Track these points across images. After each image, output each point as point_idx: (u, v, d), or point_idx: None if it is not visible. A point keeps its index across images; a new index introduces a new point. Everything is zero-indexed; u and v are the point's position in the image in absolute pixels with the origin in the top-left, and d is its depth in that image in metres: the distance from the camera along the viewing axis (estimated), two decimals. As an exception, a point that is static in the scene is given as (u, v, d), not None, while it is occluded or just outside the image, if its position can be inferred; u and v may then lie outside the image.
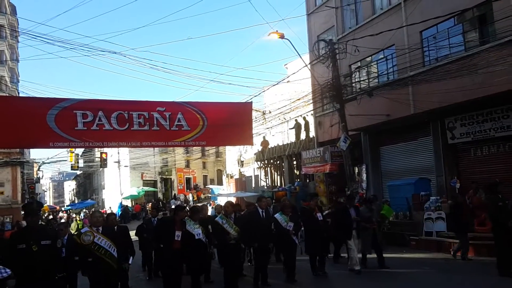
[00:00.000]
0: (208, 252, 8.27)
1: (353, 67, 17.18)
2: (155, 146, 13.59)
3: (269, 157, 27.39)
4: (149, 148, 32.39)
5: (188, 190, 46.19)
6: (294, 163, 25.18)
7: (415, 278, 8.78)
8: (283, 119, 25.09)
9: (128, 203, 40.63)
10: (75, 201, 62.40)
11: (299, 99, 20.41)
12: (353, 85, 16.54)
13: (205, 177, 52.01)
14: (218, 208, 12.26)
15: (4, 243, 6.66)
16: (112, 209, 36.85)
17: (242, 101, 14.34)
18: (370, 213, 9.96)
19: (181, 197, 40.88)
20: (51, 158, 36.31)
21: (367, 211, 9.96)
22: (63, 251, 6.96)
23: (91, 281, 6.21)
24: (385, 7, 15.83)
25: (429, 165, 14.88)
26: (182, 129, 11.35)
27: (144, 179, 45.16)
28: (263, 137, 28.39)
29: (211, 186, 43.53)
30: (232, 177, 35.09)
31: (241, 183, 32.13)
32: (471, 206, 12.31)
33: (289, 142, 25.16)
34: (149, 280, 9.97)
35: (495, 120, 12.46)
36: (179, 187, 47.05)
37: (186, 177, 48.65)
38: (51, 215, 35.83)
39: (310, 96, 19.06)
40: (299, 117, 23.87)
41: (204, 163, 51.62)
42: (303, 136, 23.79)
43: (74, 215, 36.55)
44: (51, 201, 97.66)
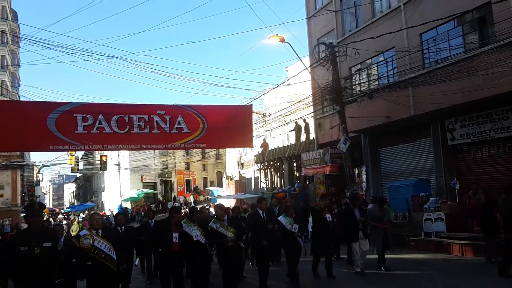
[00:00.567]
0: (208, 253, 8.09)
1: (353, 69, 17.20)
2: (155, 148, 13.58)
3: (269, 159, 27.40)
4: (149, 150, 32.39)
5: (188, 192, 46.18)
6: (294, 165, 25.19)
7: (417, 279, 8.69)
8: (283, 121, 25.12)
9: (128, 205, 40.63)
10: (75, 204, 62.34)
11: (299, 102, 20.45)
12: (353, 87, 16.57)
13: (205, 179, 52.00)
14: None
15: (5, 245, 6.64)
16: (112, 211, 36.79)
17: (242, 104, 14.35)
18: (381, 213, 9.70)
19: (181, 199, 40.88)
20: (51, 161, 36.26)
21: (377, 210, 9.71)
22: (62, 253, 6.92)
23: (90, 285, 6.04)
24: (385, 10, 15.86)
25: (429, 167, 14.89)
26: (182, 131, 11.37)
27: (144, 181, 45.17)
28: (263, 139, 28.41)
29: (211, 188, 43.54)
30: (232, 179, 35.10)
31: (241, 185, 32.15)
32: (470, 207, 12.38)
33: (289, 144, 25.18)
34: (150, 284, 9.72)
35: (495, 121, 12.47)
36: (179, 189, 47.04)
37: (186, 179, 48.65)
38: (51, 218, 35.77)
39: (310, 98, 19.09)
40: (299, 119, 23.89)
41: (204, 165, 51.63)
42: (303, 138, 23.81)
43: (73, 217, 36.51)
44: (51, 203, 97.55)
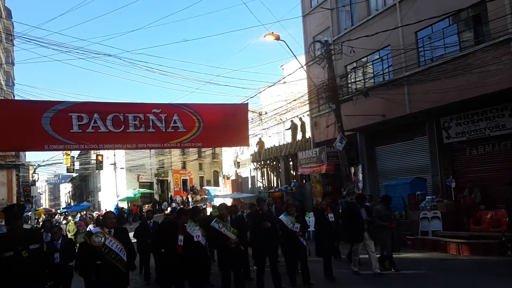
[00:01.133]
0: (208, 255, 7.94)
1: (349, 67, 17.20)
2: (151, 147, 13.55)
3: (266, 158, 27.40)
4: (145, 150, 32.29)
5: (184, 191, 46.11)
6: (290, 163, 25.20)
7: (420, 279, 8.56)
8: (279, 120, 25.12)
9: (124, 205, 40.51)
10: (71, 204, 62.14)
11: (295, 100, 20.45)
12: (349, 85, 16.57)
13: (201, 178, 51.98)
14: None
15: None
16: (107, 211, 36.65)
17: (238, 102, 14.34)
18: (388, 211, 9.45)
19: (178, 199, 40.80)
20: (47, 160, 36.02)
21: (384, 209, 9.43)
22: (56, 257, 6.80)
23: (98, 285, 5.84)
24: (380, 8, 15.86)
25: (425, 165, 14.92)
26: (178, 130, 11.34)
27: (140, 181, 45.05)
28: (259, 138, 28.40)
29: (207, 187, 43.49)
30: (228, 178, 35.07)
31: (238, 184, 32.13)
32: (465, 205, 12.43)
33: (285, 142, 25.18)
34: (147, 285, 9.61)
35: (490, 119, 12.51)
36: (176, 189, 46.98)
37: (182, 179, 48.60)
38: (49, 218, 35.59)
39: (306, 97, 19.09)
40: (295, 117, 23.89)
41: (200, 165, 51.60)
42: (299, 136, 23.81)
43: (70, 218, 36.35)
44: (47, 203, 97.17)
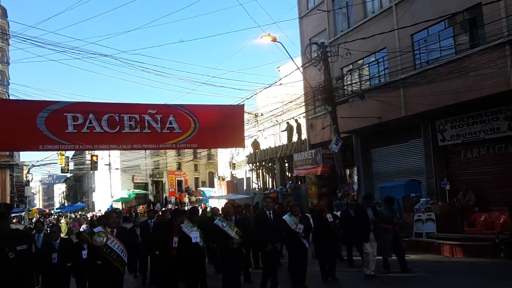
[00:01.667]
0: (205, 256, 7.77)
1: (345, 70, 17.26)
2: (147, 148, 13.47)
3: (261, 159, 27.40)
4: (140, 150, 32.25)
5: (179, 192, 45.99)
6: (286, 165, 25.22)
7: (414, 280, 8.50)
8: (275, 121, 25.12)
9: (118, 205, 40.36)
10: (65, 204, 61.82)
11: (291, 102, 20.46)
12: (345, 87, 16.62)
13: (196, 179, 51.89)
14: (215, 210, 11.99)
15: None
16: (102, 212, 36.47)
17: (234, 104, 14.32)
18: (390, 214, 9.28)
19: (172, 200, 40.70)
20: (41, 161, 35.86)
21: (387, 211, 9.26)
22: (54, 258, 6.73)
23: (97, 285, 5.76)
24: (376, 11, 15.93)
25: (420, 167, 14.98)
26: (173, 131, 11.28)
27: (135, 181, 44.94)
28: (255, 139, 28.41)
29: (202, 188, 43.40)
30: (223, 180, 35.03)
31: (233, 185, 32.11)
32: (460, 208, 12.48)
33: (281, 144, 25.20)
34: (143, 286, 9.35)
35: (485, 122, 12.58)
36: (171, 190, 46.85)
37: (177, 180, 48.48)
38: (41, 219, 35.40)
39: (302, 98, 19.12)
40: (291, 119, 23.92)
41: (195, 166, 51.54)
42: (295, 138, 23.84)
43: (62, 218, 36.17)
44: (41, 204, 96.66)
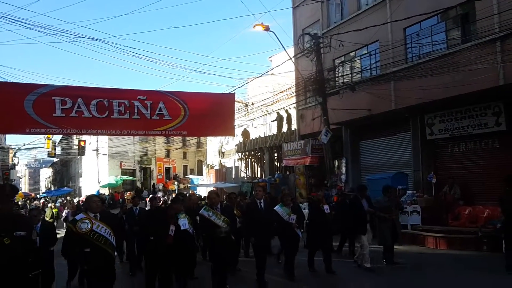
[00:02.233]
0: (195, 244, 7.61)
1: (337, 61, 17.25)
2: (136, 134, 13.38)
3: (250, 148, 27.43)
4: (128, 136, 32.01)
5: (168, 180, 45.87)
6: (275, 155, 25.28)
7: (418, 272, 8.54)
8: (265, 111, 25.11)
9: (105, 191, 40.12)
10: (51, 189, 61.25)
11: (282, 92, 20.44)
12: (336, 79, 16.63)
13: (185, 167, 51.77)
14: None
15: None
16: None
17: (225, 92, 14.25)
18: (389, 203, 9.13)
19: (160, 186, 40.60)
20: (28, 144, 35.36)
21: (386, 200, 9.14)
22: (37, 242, 6.66)
23: (89, 274, 5.64)
24: (370, 3, 15.90)
25: (408, 160, 15.14)
26: (163, 118, 11.20)
27: (122, 167, 44.66)
28: (245, 129, 28.38)
29: (191, 176, 43.36)
30: (212, 168, 35.03)
31: (221, 173, 32.15)
32: (445, 201, 12.68)
33: (270, 134, 25.23)
34: (132, 276, 9.19)
35: (473, 117, 12.72)
36: (159, 177, 46.71)
37: (166, 167, 48.34)
38: (27, 202, 35.05)
39: (293, 89, 19.11)
40: (281, 109, 23.92)
41: (184, 153, 51.38)
42: (285, 128, 23.89)
43: (49, 203, 35.85)
44: (27, 188, 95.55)
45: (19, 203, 34.89)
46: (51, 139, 28.50)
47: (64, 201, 34.94)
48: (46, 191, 60.76)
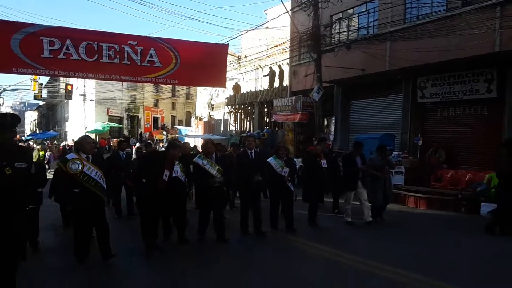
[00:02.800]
0: (186, 192, 7.52)
1: (334, 18, 16.86)
2: (125, 80, 13.14)
3: (241, 102, 27.27)
4: (117, 83, 31.47)
5: (155, 129, 45.66)
6: (265, 110, 25.22)
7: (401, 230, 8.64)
8: (258, 65, 24.75)
9: (92, 137, 39.81)
10: (36, 132, 60.61)
11: (277, 46, 20.08)
12: (332, 36, 16.34)
13: (173, 117, 51.44)
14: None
15: None
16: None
17: (218, 43, 13.94)
18: (382, 161, 8.99)
19: (147, 136, 40.40)
20: (13, 85, 34.52)
21: (379, 159, 8.99)
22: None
23: (76, 214, 5.66)
24: (372, -42, 15.34)
25: (396, 122, 15.26)
26: (153, 65, 11.04)
27: (110, 114, 44.14)
28: (236, 82, 28.06)
29: (179, 126, 43.19)
30: (201, 120, 34.89)
31: (210, 126, 32.11)
32: (429, 164, 12.96)
33: (262, 89, 25.01)
34: (117, 218, 9.34)
35: (465, 83, 12.74)
36: (146, 126, 46.42)
37: (154, 116, 47.95)
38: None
39: (288, 44, 18.77)
40: (274, 64, 23.60)
41: (173, 104, 50.87)
42: (276, 84, 23.68)
43: (34, 145, 35.61)
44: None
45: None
46: (37, 81, 27.84)
47: (48, 145, 34.77)
48: (31, 133, 60.09)
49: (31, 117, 76.40)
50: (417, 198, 11.49)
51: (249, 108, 27.18)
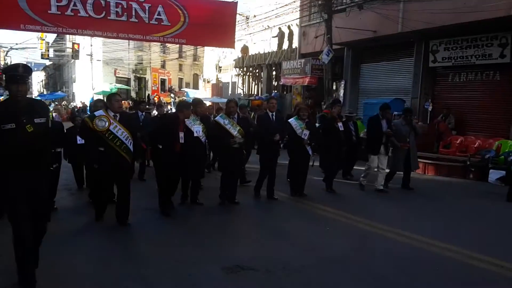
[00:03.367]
0: (206, 154, 7.40)
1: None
2: (132, 39, 12.93)
3: (249, 64, 26.95)
4: (124, 41, 30.98)
5: (162, 91, 45.46)
6: (273, 73, 24.94)
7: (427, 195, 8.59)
8: (266, 26, 24.23)
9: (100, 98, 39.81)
10: (44, 93, 60.68)
11: (287, 5, 19.55)
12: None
13: (180, 80, 51.07)
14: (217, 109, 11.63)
15: None
16: (84, 103, 36.09)
17: (227, 0, 13.61)
18: (407, 128, 8.51)
19: (154, 98, 40.28)
20: (20, 44, 34.28)
21: (404, 124, 8.53)
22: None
23: (100, 174, 5.55)
24: None
25: (407, 87, 15.04)
26: (161, 23, 10.86)
27: (117, 75, 43.89)
28: (244, 44, 27.60)
29: (186, 89, 42.96)
30: (208, 82, 34.68)
31: (218, 88, 31.95)
32: (439, 130, 12.86)
33: (270, 51, 24.62)
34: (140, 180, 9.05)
35: (479, 47, 12.42)
36: (154, 88, 46.19)
37: (161, 78, 47.61)
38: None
39: (298, 3, 18.29)
40: (283, 25, 23.08)
41: (180, 66, 50.35)
42: (285, 46, 23.27)
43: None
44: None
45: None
46: (44, 39, 27.63)
47: (57, 106, 34.90)
48: (39, 94, 60.20)
49: (38, 77, 76.14)
50: (425, 164, 11.48)
51: (257, 70, 26.88)
